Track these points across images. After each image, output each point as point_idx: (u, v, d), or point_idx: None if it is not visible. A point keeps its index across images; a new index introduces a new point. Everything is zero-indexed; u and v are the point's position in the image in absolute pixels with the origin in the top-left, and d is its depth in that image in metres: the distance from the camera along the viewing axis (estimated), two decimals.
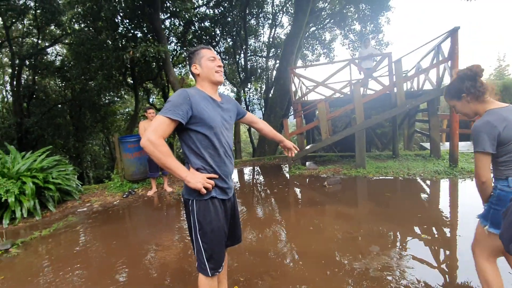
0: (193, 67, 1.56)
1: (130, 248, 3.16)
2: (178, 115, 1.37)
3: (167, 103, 1.40)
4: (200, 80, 1.57)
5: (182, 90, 1.46)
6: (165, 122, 1.35)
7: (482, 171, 1.51)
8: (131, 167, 5.72)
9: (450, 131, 5.52)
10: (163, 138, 1.35)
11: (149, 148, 1.31)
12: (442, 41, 5.75)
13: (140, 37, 8.21)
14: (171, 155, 1.35)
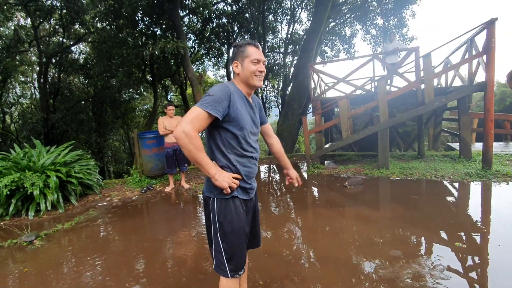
0: (234, 64, 1.48)
1: (148, 243, 3.14)
2: (218, 111, 1.30)
3: (208, 97, 1.32)
4: (238, 79, 1.50)
5: (224, 86, 1.39)
6: (203, 115, 1.29)
7: None
8: (149, 163, 5.77)
9: (484, 131, 5.15)
10: (198, 132, 1.27)
11: (182, 140, 1.23)
12: (476, 34, 5.36)
13: (159, 34, 8.27)
14: (203, 149, 1.28)
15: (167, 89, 13.51)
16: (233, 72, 1.53)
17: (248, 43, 1.47)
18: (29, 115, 12.50)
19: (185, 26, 10.62)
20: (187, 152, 1.26)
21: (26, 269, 2.70)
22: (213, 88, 1.39)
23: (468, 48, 5.70)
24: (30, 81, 15.14)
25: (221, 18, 10.62)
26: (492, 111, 5.00)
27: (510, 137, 8.28)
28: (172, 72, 10.83)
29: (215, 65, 14.04)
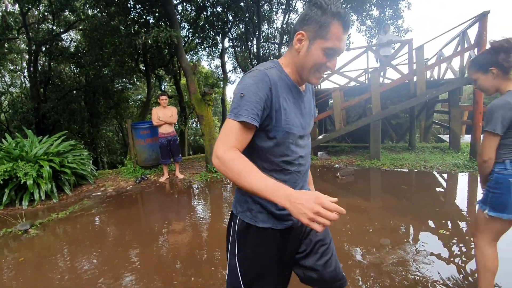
0: (298, 34, 0.95)
1: (142, 232, 3.20)
2: (255, 117, 0.91)
3: (239, 99, 0.91)
4: (291, 59, 1.01)
5: (261, 75, 0.94)
6: (237, 128, 0.90)
7: (487, 150, 1.51)
8: (143, 153, 5.78)
9: (472, 123, 5.27)
10: (236, 150, 0.89)
11: (219, 168, 0.88)
12: (469, 27, 5.42)
13: (152, 23, 8.13)
14: (252, 170, 0.85)
15: (161, 79, 13.34)
16: (290, 45, 1.02)
17: (336, 15, 0.91)
18: (20, 104, 12.27)
19: (179, 15, 10.42)
20: (231, 181, 0.88)
21: (22, 258, 2.73)
22: (244, 80, 0.95)
23: (461, 41, 5.77)
24: (19, 69, 14.78)
25: (216, 6, 10.44)
26: (481, 103, 5.11)
27: None
28: (165, 61, 10.69)
29: (210, 55, 13.89)
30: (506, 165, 1.51)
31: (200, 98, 5.51)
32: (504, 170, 1.51)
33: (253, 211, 1.05)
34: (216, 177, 5.37)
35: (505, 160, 1.51)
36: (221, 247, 2.75)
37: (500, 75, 1.51)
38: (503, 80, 1.51)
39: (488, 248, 1.63)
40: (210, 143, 5.62)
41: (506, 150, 1.52)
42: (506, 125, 1.45)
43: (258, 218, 1.05)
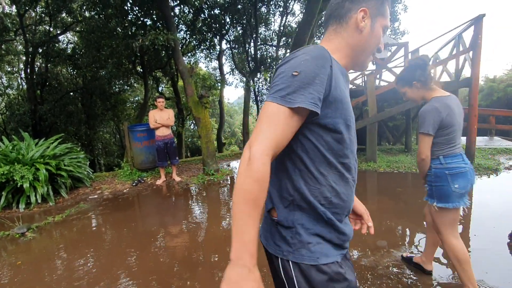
0: (362, 12, 0.81)
1: (139, 235, 3.20)
2: (318, 102, 0.70)
3: (290, 77, 0.69)
4: (346, 41, 0.83)
5: (320, 49, 0.73)
6: (287, 117, 0.68)
7: (424, 149, 1.76)
8: (140, 156, 5.77)
9: (467, 126, 5.32)
10: (276, 152, 0.69)
11: (244, 169, 0.66)
12: (464, 30, 5.48)
13: (150, 25, 8.14)
14: (262, 203, 0.66)
15: (158, 81, 13.34)
16: (342, 27, 0.83)
17: None
18: (16, 106, 12.21)
19: (176, 17, 10.45)
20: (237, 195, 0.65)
21: (19, 261, 2.72)
22: (296, 56, 0.72)
23: (456, 44, 5.83)
24: (16, 71, 14.71)
25: (213, 9, 10.48)
26: (476, 106, 5.16)
27: (494, 131, 8.55)
28: (163, 63, 10.70)
29: (207, 57, 13.90)
30: (440, 160, 1.77)
31: (197, 101, 5.52)
32: (440, 164, 1.77)
33: (311, 244, 0.76)
34: (213, 180, 5.37)
35: (439, 156, 1.77)
36: (217, 250, 2.75)
37: (422, 87, 1.79)
38: (426, 90, 1.80)
39: (453, 240, 1.78)
40: (207, 145, 5.63)
41: (438, 147, 1.77)
42: (436, 126, 1.71)
43: (319, 253, 0.76)
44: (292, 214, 0.78)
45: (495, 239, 2.64)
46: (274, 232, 0.80)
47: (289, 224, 0.77)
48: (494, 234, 2.73)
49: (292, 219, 0.77)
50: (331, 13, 0.86)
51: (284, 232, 0.78)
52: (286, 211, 0.78)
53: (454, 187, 1.71)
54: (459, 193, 1.72)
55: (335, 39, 0.84)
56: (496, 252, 2.45)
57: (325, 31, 0.88)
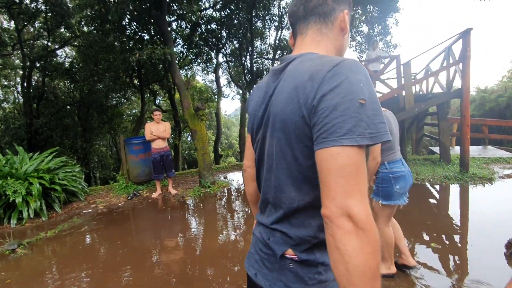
0: (347, 15, 0.75)
1: (134, 250, 3.14)
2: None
3: (359, 107, 0.56)
4: (333, 43, 0.76)
5: (358, 63, 0.62)
6: (363, 158, 0.57)
7: (379, 154, 1.98)
8: (136, 168, 5.74)
9: (461, 135, 5.39)
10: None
11: (353, 239, 0.52)
12: (453, 43, 5.63)
13: (147, 40, 8.27)
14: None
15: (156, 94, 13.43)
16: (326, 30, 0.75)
17: None
18: (12, 120, 12.15)
19: (174, 31, 10.64)
20: (355, 273, 0.51)
21: (9, 280, 2.65)
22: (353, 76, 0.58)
23: (446, 56, 5.98)
24: (13, 85, 14.75)
25: (210, 23, 10.71)
26: (468, 116, 5.25)
27: (487, 141, 8.65)
28: (160, 77, 10.81)
29: (204, 70, 14.08)
30: (385, 165, 2.06)
31: (193, 113, 5.55)
32: (385, 169, 2.06)
33: (326, 283, 0.71)
34: (209, 192, 5.33)
35: (384, 161, 2.06)
36: (214, 264, 2.71)
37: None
38: None
39: (386, 228, 2.15)
40: (203, 157, 5.62)
41: (384, 154, 2.05)
42: None
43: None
44: (313, 253, 0.70)
45: (492, 249, 2.63)
46: (286, 273, 0.72)
47: (309, 262, 0.70)
48: (491, 244, 2.72)
49: (314, 258, 0.70)
50: (313, 10, 0.74)
51: (302, 272, 0.70)
52: (307, 251, 0.70)
53: (396, 188, 2.03)
54: (400, 193, 2.05)
55: (323, 41, 0.75)
56: (493, 262, 2.44)
57: (304, 30, 0.76)
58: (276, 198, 0.74)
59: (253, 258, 0.81)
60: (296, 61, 0.71)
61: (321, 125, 0.57)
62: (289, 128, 0.65)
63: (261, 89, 0.81)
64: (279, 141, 0.69)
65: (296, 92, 0.63)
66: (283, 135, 0.67)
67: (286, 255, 0.72)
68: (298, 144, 0.65)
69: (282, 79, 0.71)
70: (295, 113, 0.63)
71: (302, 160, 0.65)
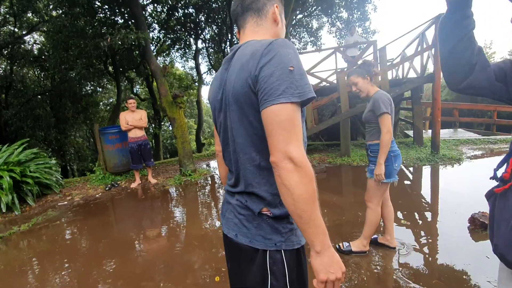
0: (276, 7, 0.91)
1: (115, 241, 3.11)
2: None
3: (288, 73, 0.71)
4: (269, 32, 0.91)
5: (286, 40, 0.78)
6: (299, 112, 0.74)
7: (390, 127, 2.04)
8: (113, 159, 5.59)
9: (432, 119, 5.62)
10: None
11: (294, 176, 0.69)
12: (427, 29, 5.77)
13: (120, 24, 7.89)
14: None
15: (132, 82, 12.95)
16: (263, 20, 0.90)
17: None
18: None
19: (149, 16, 10.20)
20: (300, 199, 0.69)
21: None
22: (274, 48, 0.74)
23: (420, 42, 6.13)
24: None
25: (187, 7, 10.34)
26: (439, 100, 5.46)
27: (458, 124, 9.08)
28: (136, 63, 10.41)
29: (183, 57, 13.70)
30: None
31: (171, 101, 5.43)
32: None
33: (295, 230, 0.87)
34: (190, 180, 5.31)
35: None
36: (197, 251, 2.74)
37: (369, 82, 2.17)
38: (371, 86, 2.18)
39: (378, 208, 2.25)
40: (183, 145, 5.55)
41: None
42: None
43: (300, 236, 0.88)
44: (283, 205, 0.81)
45: (457, 224, 2.82)
46: (264, 227, 0.85)
47: (282, 216, 0.84)
48: (456, 220, 2.91)
49: (284, 210, 0.83)
50: (248, 6, 0.91)
51: (277, 224, 0.84)
52: (279, 205, 0.84)
53: (395, 166, 2.13)
54: (396, 170, 2.15)
55: (260, 31, 0.90)
56: (458, 235, 2.62)
57: (243, 24, 0.92)
58: (242, 164, 0.86)
59: (232, 222, 0.93)
60: (241, 48, 0.85)
61: (263, 89, 0.71)
62: (242, 100, 0.78)
63: (217, 78, 0.95)
64: (236, 113, 0.81)
65: (242, 70, 0.77)
66: (238, 106, 0.80)
67: (262, 212, 0.85)
68: (250, 111, 0.78)
69: (232, 64, 0.85)
70: (244, 86, 0.76)
71: (255, 124, 0.79)
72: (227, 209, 0.98)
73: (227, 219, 0.97)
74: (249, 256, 0.87)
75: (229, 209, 0.97)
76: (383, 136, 2.03)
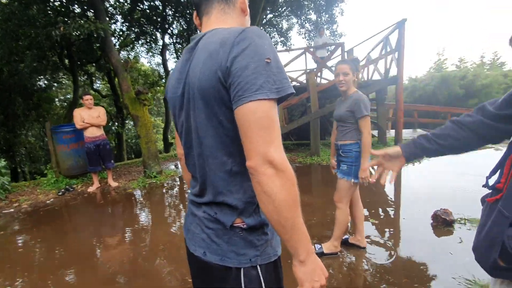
0: None
1: (67, 252, 2.77)
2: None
3: (265, 65, 0.62)
4: (236, 21, 0.82)
5: (260, 29, 0.69)
6: (276, 110, 0.65)
7: (370, 129, 2.03)
8: (67, 160, 5.09)
9: (395, 119, 5.88)
10: None
11: (276, 181, 0.61)
12: (390, 33, 6.02)
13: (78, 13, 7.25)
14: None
15: (92, 77, 12.03)
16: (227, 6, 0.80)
17: None
18: None
19: (111, 6, 9.53)
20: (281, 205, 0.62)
21: None
22: (248, 37, 0.64)
23: (384, 46, 6.39)
24: None
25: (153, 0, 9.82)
26: (401, 101, 5.73)
27: (417, 124, 9.69)
28: (96, 57, 9.65)
29: (149, 52, 13.04)
30: (358, 144, 2.07)
31: (134, 98, 5.06)
32: (358, 147, 2.07)
33: (270, 240, 0.78)
34: (155, 183, 4.99)
35: (357, 140, 2.07)
36: (162, 262, 2.52)
37: (354, 80, 2.12)
38: (352, 83, 2.13)
39: (347, 208, 2.22)
40: (148, 145, 5.21)
41: (358, 133, 2.07)
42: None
43: (276, 245, 0.80)
44: (258, 214, 0.76)
45: (421, 221, 2.92)
46: (237, 241, 0.75)
47: (257, 226, 0.75)
48: (420, 217, 3.01)
49: (259, 219, 0.76)
50: None
51: (251, 236, 0.75)
52: (253, 214, 0.76)
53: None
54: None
55: (227, 20, 0.80)
56: (422, 232, 2.70)
57: (208, 10, 0.81)
58: (210, 170, 0.75)
59: (199, 237, 0.80)
60: (206, 36, 0.74)
61: (236, 83, 0.62)
62: (209, 95, 0.67)
63: (176, 70, 0.82)
64: (203, 111, 0.70)
65: (210, 59, 0.66)
66: (205, 103, 0.69)
67: (235, 225, 0.74)
68: (220, 108, 0.67)
69: (196, 53, 0.73)
70: (212, 79, 0.65)
71: (226, 123, 0.69)
72: (192, 222, 0.84)
73: (192, 234, 0.83)
74: (221, 276, 0.76)
75: (194, 222, 0.83)
76: (365, 138, 2.00)
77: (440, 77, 17.37)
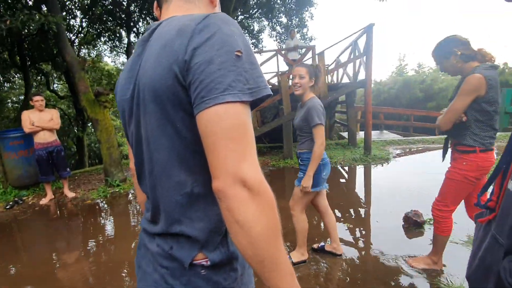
0: None
1: (14, 275, 2.38)
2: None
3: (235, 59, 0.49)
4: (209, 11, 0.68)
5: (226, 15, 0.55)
6: (250, 115, 0.52)
7: (324, 140, 1.97)
8: (16, 169, 4.54)
9: (364, 121, 6.03)
10: None
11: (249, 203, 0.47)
12: (359, 37, 6.17)
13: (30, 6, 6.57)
14: None
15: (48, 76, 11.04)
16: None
17: None
18: None
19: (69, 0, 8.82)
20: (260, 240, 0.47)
21: None
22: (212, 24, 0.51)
23: (353, 49, 6.55)
24: None
25: None
26: (370, 104, 5.89)
27: (383, 126, 10.12)
28: (51, 55, 8.84)
29: (113, 50, 12.29)
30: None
31: (93, 99, 4.64)
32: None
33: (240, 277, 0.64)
34: (118, 192, 4.61)
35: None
36: (126, 282, 2.25)
37: (311, 86, 2.06)
38: (309, 90, 2.07)
39: (302, 215, 2.18)
40: (109, 151, 4.80)
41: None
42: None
43: (248, 280, 0.68)
44: (226, 247, 0.61)
45: (392, 223, 2.94)
46: (198, 283, 0.59)
47: (224, 262, 0.60)
48: (391, 219, 3.04)
49: (227, 253, 0.60)
50: None
51: (216, 276, 0.59)
52: (220, 247, 0.60)
53: (323, 175, 2.07)
54: (324, 179, 2.10)
55: (192, 8, 0.64)
56: (395, 234, 2.72)
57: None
58: (164, 192, 0.59)
59: (151, 278, 0.63)
60: (162, 24, 0.59)
61: (198, 82, 0.48)
62: (163, 96, 0.53)
63: (126, 69, 0.66)
64: (154, 116, 0.55)
65: (164, 51, 0.52)
66: (157, 106, 0.54)
67: (195, 262, 0.58)
68: (176, 113, 0.53)
69: (149, 46, 0.59)
70: (166, 76, 0.51)
71: (185, 132, 0.54)
72: (144, 257, 0.67)
73: (144, 273, 0.66)
74: None
75: (146, 257, 0.66)
76: (317, 148, 1.94)
77: (402, 81, 18.45)
